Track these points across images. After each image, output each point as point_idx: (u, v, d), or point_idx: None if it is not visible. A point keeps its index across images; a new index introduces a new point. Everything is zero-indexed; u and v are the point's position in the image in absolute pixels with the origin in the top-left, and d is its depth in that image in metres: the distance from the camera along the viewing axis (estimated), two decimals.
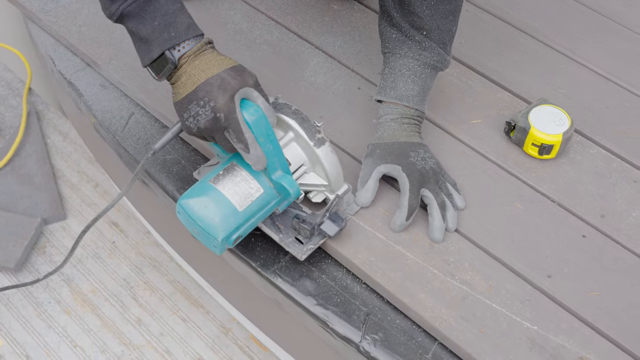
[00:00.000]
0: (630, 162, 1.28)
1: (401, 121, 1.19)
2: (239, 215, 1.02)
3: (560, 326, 1.05)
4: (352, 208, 1.16)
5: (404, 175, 1.13)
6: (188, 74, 0.99)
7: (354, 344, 1.05)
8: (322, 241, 1.10)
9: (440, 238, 1.12)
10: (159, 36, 0.99)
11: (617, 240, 1.16)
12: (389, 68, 1.21)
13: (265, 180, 1.04)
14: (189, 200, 1.02)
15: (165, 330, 1.84)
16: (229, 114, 0.97)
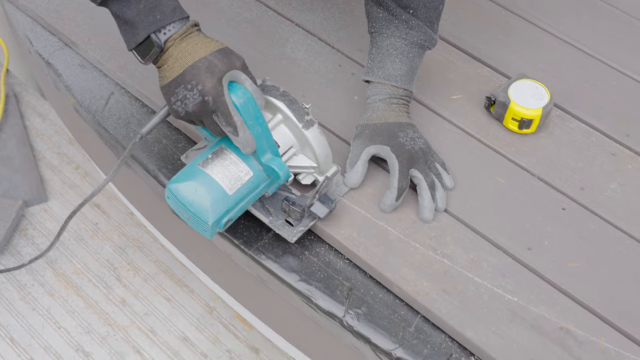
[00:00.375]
0: (609, 135, 1.29)
1: (389, 101, 1.19)
2: (229, 199, 1.01)
3: (540, 297, 1.06)
4: (342, 189, 1.16)
5: (393, 156, 1.13)
6: (175, 57, 0.98)
7: (337, 318, 1.06)
8: (312, 223, 1.10)
9: (430, 218, 1.13)
10: (144, 19, 0.97)
11: (596, 213, 1.18)
12: (376, 48, 1.21)
13: (255, 163, 1.03)
14: (178, 184, 1.02)
15: (149, 310, 1.84)
16: (217, 97, 0.96)
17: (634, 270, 1.11)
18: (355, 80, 1.34)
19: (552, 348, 1.01)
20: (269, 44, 1.39)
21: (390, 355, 1.02)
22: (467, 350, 1.03)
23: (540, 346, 1.01)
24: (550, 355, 1.00)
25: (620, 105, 1.35)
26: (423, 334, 1.04)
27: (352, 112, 1.28)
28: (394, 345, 1.03)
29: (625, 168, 1.24)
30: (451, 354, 1.02)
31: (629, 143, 1.28)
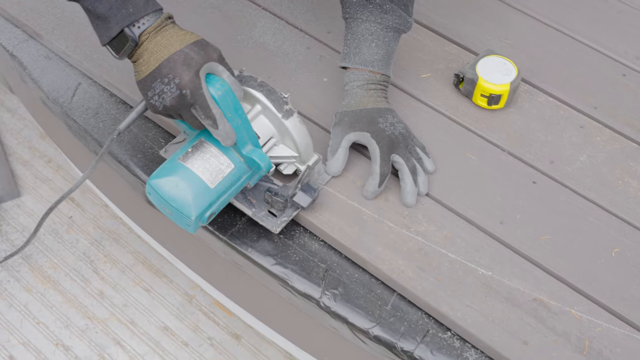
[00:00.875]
0: (577, 108, 1.31)
1: (367, 87, 1.18)
2: (211, 192, 1.00)
3: (513, 270, 1.08)
4: (324, 178, 1.15)
5: (373, 142, 1.13)
6: (150, 51, 0.96)
7: (314, 300, 1.06)
8: (295, 213, 1.09)
9: (413, 202, 1.13)
10: (117, 13, 0.95)
11: (566, 185, 1.19)
12: (351, 34, 1.20)
13: (235, 155, 1.02)
14: (159, 180, 1.00)
15: (128, 301, 1.84)
16: (194, 90, 0.95)
17: (604, 240, 1.12)
18: (324, 63, 1.34)
19: (526, 319, 1.02)
20: (237, 29, 1.38)
21: (368, 333, 1.03)
22: (444, 325, 1.04)
23: (515, 318, 1.02)
24: (524, 327, 1.02)
25: (587, 78, 1.36)
26: (400, 312, 1.05)
27: (322, 94, 1.28)
28: (372, 324, 1.04)
29: (593, 140, 1.26)
30: (428, 330, 1.03)
31: (597, 115, 1.30)
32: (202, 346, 1.79)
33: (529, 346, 1.00)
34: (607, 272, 1.08)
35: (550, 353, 0.99)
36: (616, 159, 1.23)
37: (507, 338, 1.00)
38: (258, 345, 1.79)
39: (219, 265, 1.33)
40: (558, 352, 1.00)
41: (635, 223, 1.15)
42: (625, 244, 1.12)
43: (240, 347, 1.79)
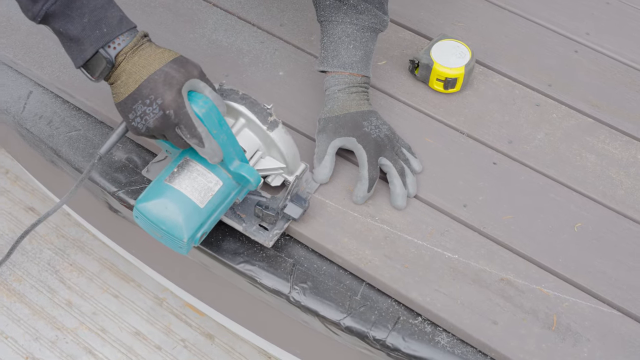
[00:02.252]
0: (532, 86, 1.32)
1: (349, 91, 1.17)
2: (201, 212, 0.98)
3: (479, 252, 1.09)
4: (312, 186, 1.14)
5: (360, 147, 1.12)
6: (128, 72, 0.93)
7: (283, 295, 1.06)
8: (286, 225, 1.08)
9: (403, 205, 1.12)
10: (90, 34, 0.92)
11: (525, 164, 1.20)
12: (327, 36, 1.18)
13: (223, 172, 1.00)
14: (147, 203, 0.98)
15: (97, 309, 1.81)
16: (178, 110, 0.92)
17: (566, 215, 1.14)
18: (279, 57, 1.33)
19: (494, 300, 1.03)
20: (188, 27, 1.37)
21: (339, 325, 1.03)
22: (414, 311, 1.04)
23: (484, 299, 1.03)
24: (493, 307, 1.03)
25: (540, 57, 1.37)
26: (369, 301, 1.05)
27: (278, 89, 1.28)
28: (342, 315, 1.04)
29: (550, 117, 1.27)
30: (398, 317, 1.04)
31: (552, 92, 1.31)
32: (176, 348, 1.77)
33: (499, 326, 1.01)
34: (571, 247, 1.10)
35: (519, 331, 1.01)
36: (573, 135, 1.25)
37: (477, 319, 1.01)
38: (232, 343, 1.78)
39: (186, 267, 1.33)
40: (527, 329, 1.01)
41: (595, 197, 1.16)
42: (587, 218, 1.14)
43: (214, 347, 1.77)
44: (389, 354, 1.02)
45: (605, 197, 1.17)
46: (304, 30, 1.38)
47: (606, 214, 1.15)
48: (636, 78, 1.36)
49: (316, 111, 1.24)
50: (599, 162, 1.21)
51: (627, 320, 1.03)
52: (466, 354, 1.01)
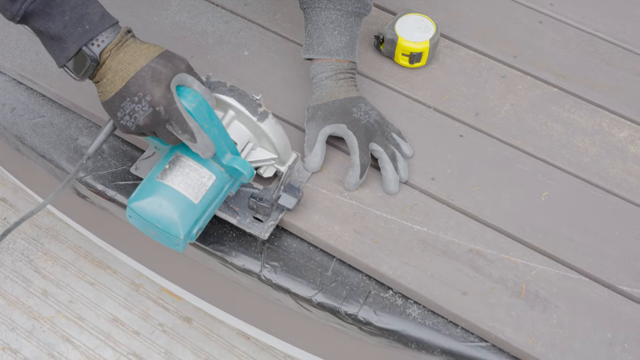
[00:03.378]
0: (497, 58, 1.32)
1: (336, 77, 1.16)
2: (196, 208, 0.97)
3: (448, 224, 1.09)
4: (304, 175, 1.13)
5: (350, 133, 1.11)
6: (114, 70, 0.91)
7: (255, 274, 1.06)
8: (281, 215, 1.07)
9: (396, 190, 1.11)
10: (72, 31, 0.90)
11: (492, 135, 1.21)
12: (311, 23, 1.17)
13: (215, 166, 0.99)
14: (141, 202, 0.96)
15: (74, 297, 1.81)
16: (168, 106, 0.90)
17: (533, 185, 1.15)
18: (243, 36, 1.32)
19: (464, 270, 1.04)
20: (151, 10, 1.35)
21: (311, 301, 1.04)
22: (385, 285, 1.05)
23: (453, 270, 1.04)
24: (463, 278, 1.04)
25: (505, 29, 1.38)
26: (341, 276, 1.06)
27: (243, 69, 1.27)
28: (314, 291, 1.04)
29: (515, 88, 1.28)
30: (370, 291, 1.04)
31: (517, 64, 1.32)
32: (154, 333, 1.77)
33: (468, 296, 1.02)
34: (538, 216, 1.11)
35: (489, 300, 1.02)
36: (539, 105, 1.26)
37: (447, 290, 1.02)
38: (210, 326, 1.78)
39: (159, 251, 1.32)
40: (496, 298, 1.02)
41: (561, 165, 1.18)
42: (553, 186, 1.15)
43: (192, 330, 1.78)
44: (361, 328, 1.03)
45: (571, 165, 1.18)
46: (268, 10, 1.37)
47: (572, 182, 1.16)
48: (600, 47, 1.37)
49: (283, 89, 1.24)
50: (564, 131, 1.22)
51: (594, 285, 1.05)
52: (437, 325, 1.02)
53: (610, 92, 1.29)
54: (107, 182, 1.14)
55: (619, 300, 1.03)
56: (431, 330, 1.01)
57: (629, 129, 1.24)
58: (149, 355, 1.74)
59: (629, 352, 0.99)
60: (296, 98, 1.23)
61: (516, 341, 0.98)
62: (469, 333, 1.01)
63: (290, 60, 1.29)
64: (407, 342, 1.02)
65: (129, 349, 1.74)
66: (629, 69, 1.33)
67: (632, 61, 1.35)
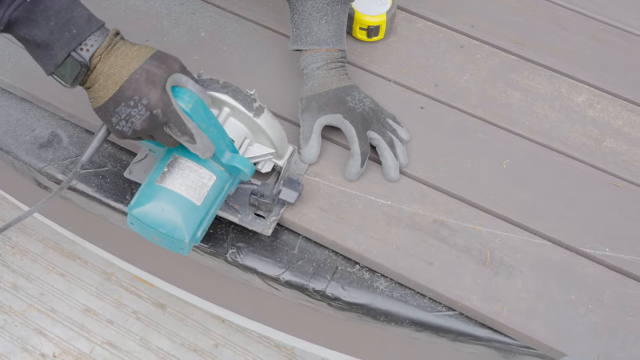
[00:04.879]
0: (455, 28, 1.33)
1: (327, 67, 1.14)
2: (199, 210, 0.95)
3: (412, 196, 1.10)
4: (301, 167, 1.12)
5: (347, 123, 1.10)
6: (106, 74, 0.88)
7: (222, 256, 1.06)
8: (282, 210, 1.06)
9: (397, 177, 1.11)
10: (59, 37, 0.86)
11: (453, 106, 1.22)
12: (297, 14, 1.15)
13: (215, 166, 0.97)
14: (142, 207, 0.94)
15: (44, 289, 1.79)
16: (165, 108, 0.87)
17: (494, 153, 1.16)
18: (199, 17, 1.31)
19: (429, 241, 1.05)
20: None
21: (279, 280, 1.04)
22: (352, 260, 1.06)
23: (418, 241, 1.05)
24: (428, 248, 1.04)
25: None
26: (307, 254, 1.06)
27: (200, 50, 1.26)
28: (281, 270, 1.04)
29: (474, 58, 1.28)
30: (337, 267, 1.05)
31: (475, 33, 1.32)
32: (128, 321, 1.77)
33: (434, 266, 1.03)
34: (500, 184, 1.12)
35: (455, 269, 1.03)
36: (498, 74, 1.26)
37: (413, 262, 1.03)
38: (185, 311, 1.78)
39: (125, 238, 1.31)
40: (462, 266, 1.03)
41: (521, 132, 1.19)
42: (514, 154, 1.16)
43: (166, 316, 1.78)
44: (330, 303, 1.03)
45: (532, 132, 1.19)
46: None
47: (533, 148, 1.17)
48: (557, 13, 1.37)
49: (240, 69, 1.23)
50: (524, 98, 1.23)
51: (557, 249, 1.06)
52: (405, 297, 1.02)
53: (568, 57, 1.30)
54: (67, 171, 1.13)
55: (582, 262, 1.05)
56: (399, 302, 1.02)
57: (587, 93, 1.25)
58: (124, 343, 1.73)
59: (593, 312, 1.00)
60: (253, 75, 1.22)
61: (483, 308, 1.00)
62: (436, 303, 1.02)
63: (246, 40, 1.28)
64: (375, 315, 1.02)
65: (104, 338, 1.74)
66: (586, 34, 1.34)
67: (589, 26, 1.36)
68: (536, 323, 0.99)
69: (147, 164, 1.10)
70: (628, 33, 1.37)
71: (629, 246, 1.07)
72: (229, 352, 1.73)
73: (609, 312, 1.01)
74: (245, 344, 1.74)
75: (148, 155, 1.10)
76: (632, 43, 1.35)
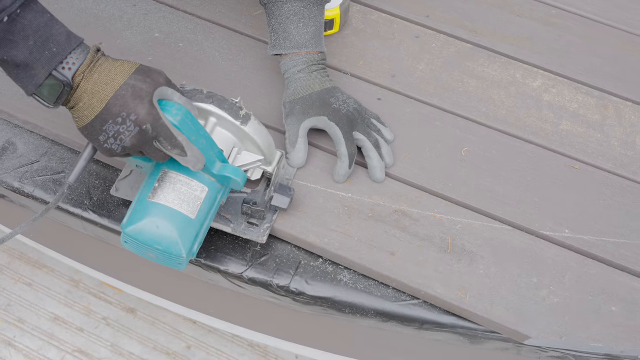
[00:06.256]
0: (410, 19, 1.33)
1: (309, 70, 1.14)
2: (194, 223, 0.94)
3: (372, 187, 1.10)
4: (289, 172, 1.11)
5: (333, 125, 1.09)
6: (90, 92, 0.86)
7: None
8: (275, 216, 1.05)
9: (383, 178, 1.10)
10: (39, 57, 0.84)
11: (410, 96, 1.22)
12: (274, 18, 1.14)
13: (206, 177, 0.95)
14: (136, 225, 0.92)
15: (12, 300, 1.77)
16: (155, 123, 0.86)
17: (452, 141, 1.16)
18: (152, 19, 1.29)
19: (391, 232, 1.05)
20: None
21: (242, 278, 1.04)
22: (314, 254, 1.06)
23: (380, 232, 1.05)
24: (390, 239, 1.05)
25: None
26: (269, 250, 1.06)
27: (155, 50, 1.25)
28: (244, 267, 1.04)
29: (430, 48, 1.29)
30: (300, 262, 1.05)
31: (430, 23, 1.33)
32: (99, 328, 1.75)
33: (397, 256, 1.03)
34: (459, 172, 1.13)
35: (417, 258, 1.03)
36: (454, 62, 1.27)
37: (375, 253, 1.03)
38: (155, 314, 1.77)
39: (84, 242, 1.30)
40: (424, 255, 1.04)
41: (479, 119, 1.19)
42: (472, 141, 1.16)
43: (137, 321, 1.76)
44: (295, 298, 1.03)
45: (489, 118, 1.20)
46: None
47: (491, 134, 1.18)
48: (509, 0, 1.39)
49: (191, 66, 1.22)
50: (480, 85, 1.24)
51: (517, 233, 1.07)
52: (369, 288, 1.03)
53: (522, 43, 1.31)
54: (23, 178, 1.11)
55: (542, 245, 1.06)
56: (363, 294, 1.02)
57: (542, 77, 1.26)
58: (95, 350, 1.72)
59: (555, 294, 1.01)
60: (209, 73, 1.22)
61: (446, 295, 1.00)
62: (400, 292, 1.03)
63: (200, 38, 1.27)
64: (341, 308, 1.03)
65: (74, 346, 1.72)
66: (539, 19, 1.36)
67: (542, 11, 1.38)
68: (499, 307, 1.00)
69: (133, 181, 1.08)
70: (581, 17, 1.39)
71: (588, 227, 1.09)
72: (203, 353, 1.73)
73: (570, 293, 1.02)
74: (218, 345, 1.74)
75: (133, 172, 1.08)
76: (585, 27, 1.37)
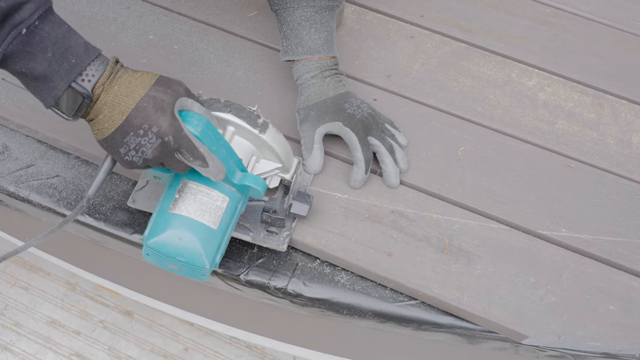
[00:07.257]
0: (404, 19, 1.33)
1: (322, 75, 1.13)
2: (216, 234, 0.93)
3: (369, 188, 1.10)
4: (307, 178, 1.10)
5: (348, 130, 1.09)
6: (110, 105, 0.85)
7: None
8: (294, 224, 1.05)
9: (397, 183, 1.10)
10: (58, 69, 0.83)
11: (405, 96, 1.22)
12: (286, 24, 1.13)
13: (227, 187, 0.95)
14: (159, 237, 0.91)
15: (8, 304, 1.77)
16: (177, 134, 0.85)
17: (448, 140, 1.16)
18: (146, 21, 1.29)
19: (388, 232, 1.05)
20: None
21: (240, 280, 1.04)
22: (312, 256, 1.05)
23: (377, 233, 1.05)
24: (387, 239, 1.05)
25: None
26: (267, 252, 1.05)
27: (149, 52, 1.24)
28: (241, 270, 1.04)
29: (424, 47, 1.29)
30: (297, 264, 1.05)
31: (425, 23, 1.33)
32: (95, 331, 1.75)
33: (394, 257, 1.03)
34: (456, 171, 1.13)
35: (415, 258, 1.03)
36: (448, 62, 1.27)
37: (372, 254, 1.03)
38: (152, 317, 1.76)
39: (85, 249, 1.30)
40: (421, 256, 1.03)
41: (474, 119, 1.19)
42: (468, 140, 1.16)
43: (134, 323, 1.76)
44: (292, 300, 1.03)
45: (484, 118, 1.20)
46: None
47: (487, 134, 1.18)
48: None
49: (187, 70, 1.22)
50: (475, 84, 1.24)
51: (514, 232, 1.07)
52: (366, 289, 1.03)
53: (517, 42, 1.31)
54: (19, 182, 1.11)
55: (539, 244, 1.06)
56: (361, 295, 1.02)
57: (537, 76, 1.26)
58: (93, 353, 1.71)
59: (552, 293, 1.01)
60: (204, 75, 1.21)
61: (443, 295, 1.00)
62: (398, 293, 1.03)
63: (194, 40, 1.27)
64: (338, 309, 1.02)
65: (71, 349, 1.71)
66: (533, 18, 1.36)
67: (536, 9, 1.38)
68: (497, 307, 1.00)
69: (150, 191, 1.07)
70: (576, 16, 1.39)
71: (584, 226, 1.09)
72: (200, 355, 1.72)
73: (568, 292, 1.02)
74: (215, 347, 1.74)
75: (150, 182, 1.08)
76: (580, 25, 1.37)
